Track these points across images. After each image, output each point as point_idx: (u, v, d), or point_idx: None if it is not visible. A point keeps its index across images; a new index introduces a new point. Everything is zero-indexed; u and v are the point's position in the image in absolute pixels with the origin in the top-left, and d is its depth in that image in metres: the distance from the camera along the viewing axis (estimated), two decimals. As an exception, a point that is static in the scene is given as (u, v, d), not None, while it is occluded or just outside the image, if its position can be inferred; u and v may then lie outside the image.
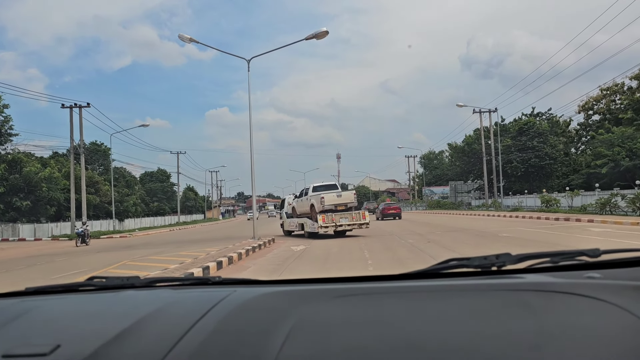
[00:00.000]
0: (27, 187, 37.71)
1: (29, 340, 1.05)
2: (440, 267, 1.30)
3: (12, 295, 1.49)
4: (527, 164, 46.57)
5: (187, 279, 1.53)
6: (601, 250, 1.23)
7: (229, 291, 1.22)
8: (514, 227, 20.54)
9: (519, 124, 49.21)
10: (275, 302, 1.12)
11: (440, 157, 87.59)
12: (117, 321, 1.07)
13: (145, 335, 1.00)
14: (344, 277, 1.35)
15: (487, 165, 47.51)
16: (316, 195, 20.11)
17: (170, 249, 18.96)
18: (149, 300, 1.26)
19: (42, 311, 1.25)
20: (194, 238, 26.82)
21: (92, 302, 1.37)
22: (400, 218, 38.32)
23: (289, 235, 23.21)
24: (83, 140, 37.81)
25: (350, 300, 1.08)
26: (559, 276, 1.16)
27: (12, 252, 22.18)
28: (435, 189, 77.15)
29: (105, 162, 64.65)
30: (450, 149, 63.92)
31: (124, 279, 1.52)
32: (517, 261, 1.24)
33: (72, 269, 13.01)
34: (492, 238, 15.61)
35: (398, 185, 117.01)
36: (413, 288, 1.17)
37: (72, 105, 37.60)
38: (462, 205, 56.07)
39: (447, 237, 16.95)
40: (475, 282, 1.18)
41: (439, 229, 22.20)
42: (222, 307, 1.09)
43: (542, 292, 1.04)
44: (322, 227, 19.27)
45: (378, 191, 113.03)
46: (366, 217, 19.89)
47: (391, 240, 16.83)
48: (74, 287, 1.51)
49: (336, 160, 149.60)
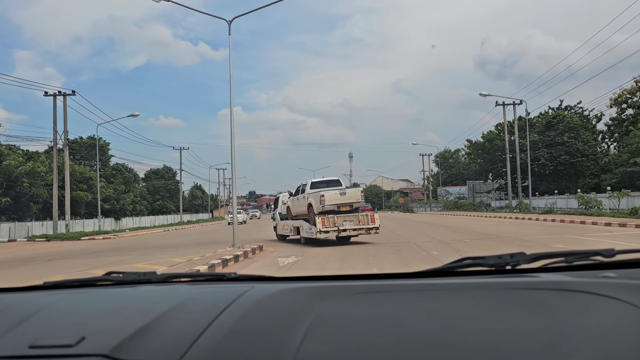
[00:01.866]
0: (7, 183, 34.46)
1: (53, 332, 1.06)
2: (455, 266, 1.31)
3: (30, 289, 1.49)
4: (557, 161, 42.14)
5: (203, 275, 1.58)
6: (616, 250, 1.22)
7: (247, 287, 1.22)
8: (561, 234, 16.56)
9: (546, 118, 44.79)
10: (293, 299, 1.12)
11: (456, 155, 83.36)
12: (138, 316, 1.08)
13: (166, 330, 1.01)
14: (360, 274, 1.35)
15: (510, 162, 43.33)
16: (315, 193, 16.33)
17: (135, 257, 15.44)
18: (167, 296, 1.28)
19: (63, 305, 1.27)
20: (175, 242, 23.18)
21: (111, 296, 1.38)
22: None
23: (282, 240, 19.46)
24: (67, 131, 34.45)
25: (367, 298, 1.09)
26: (574, 275, 1.15)
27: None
28: (450, 189, 73.24)
29: (103, 158, 61.57)
30: (468, 146, 59.37)
31: (141, 274, 1.52)
32: (531, 260, 1.23)
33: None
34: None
35: (411, 185, 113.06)
36: (429, 286, 1.18)
37: (56, 93, 34.32)
38: (482, 207, 51.73)
39: (481, 248, 13.07)
40: (490, 280, 1.18)
41: (465, 234, 18.30)
42: (240, 303, 1.10)
43: (557, 290, 1.04)
44: (321, 232, 15.49)
45: (391, 191, 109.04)
46: (376, 221, 16.07)
47: (409, 251, 13.00)
48: (92, 281, 1.52)
49: (348, 159, 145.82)
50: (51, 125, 33.77)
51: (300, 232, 17.19)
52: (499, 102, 43.15)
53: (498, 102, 43.21)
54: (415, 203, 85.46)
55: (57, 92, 34.35)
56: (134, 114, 35.92)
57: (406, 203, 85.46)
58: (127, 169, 60.44)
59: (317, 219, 15.61)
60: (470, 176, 64.93)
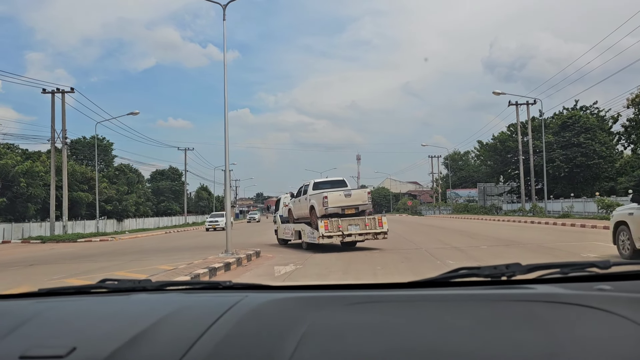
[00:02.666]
0: (3, 183, 33.46)
1: (44, 342, 1.05)
2: (450, 276, 1.30)
3: (25, 296, 1.48)
4: (572, 163, 40.47)
5: (197, 283, 1.62)
6: (612, 262, 1.22)
7: (241, 296, 1.22)
8: (586, 241, 15.11)
9: (561, 118, 43.12)
10: (286, 308, 1.12)
11: (466, 157, 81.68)
12: (131, 324, 1.08)
13: (159, 339, 1.01)
14: (354, 284, 1.35)
15: (523, 164, 41.76)
16: (317, 195, 14.99)
17: (122, 262, 14.24)
18: (161, 304, 1.27)
19: (56, 312, 1.26)
20: (172, 245, 21.95)
21: (105, 304, 1.37)
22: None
23: (284, 245, 18.16)
24: (65, 129, 33.39)
25: (361, 308, 1.09)
26: (569, 287, 1.15)
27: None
28: (460, 192, 71.68)
29: (106, 158, 60.62)
30: (479, 148, 57.67)
31: (136, 282, 1.51)
32: (527, 271, 1.23)
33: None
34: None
35: (420, 187, 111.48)
36: (423, 297, 1.18)
37: (54, 90, 33.31)
38: (493, 210, 50.07)
39: (504, 257, 11.68)
40: (485, 291, 1.18)
41: (481, 240, 16.90)
42: (234, 312, 1.10)
43: (552, 303, 1.04)
44: (324, 237, 14.15)
45: (399, 193, 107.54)
46: (384, 225, 14.71)
47: (421, 260, 11.63)
48: (86, 289, 1.51)
49: (356, 161, 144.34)
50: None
51: (302, 237, 15.86)
52: (512, 101, 41.66)
53: (511, 102, 41.67)
54: (423, 206, 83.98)
55: (55, 89, 33.35)
56: (134, 112, 34.79)
57: (414, 206, 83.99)
58: (130, 170, 59.33)
59: (319, 222, 14.28)
60: (480, 179, 63.32)
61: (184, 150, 66.59)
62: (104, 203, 47.60)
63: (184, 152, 66.46)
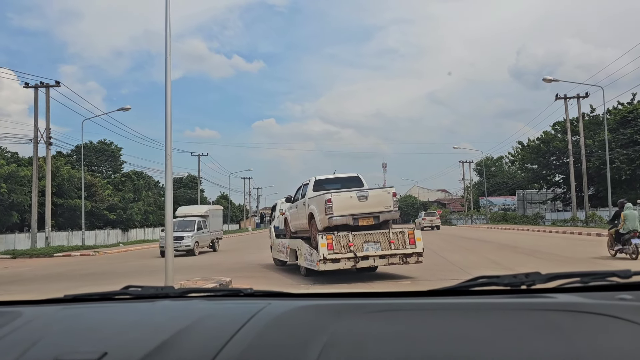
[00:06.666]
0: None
1: (76, 347, 1.06)
2: (470, 284, 1.29)
3: (51, 302, 1.49)
4: (635, 164, 34.53)
5: (219, 290, 1.61)
6: (632, 272, 1.21)
7: (264, 304, 1.23)
8: None
9: (620, 113, 37.25)
10: (309, 316, 1.13)
11: (499, 163, 75.60)
12: (157, 331, 1.09)
13: (186, 346, 1.02)
14: (374, 292, 1.35)
15: (573, 167, 36.09)
16: (318, 197, 10.19)
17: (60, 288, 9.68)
18: (185, 311, 1.29)
19: (84, 318, 1.28)
20: (153, 264, 17.42)
21: (130, 311, 1.39)
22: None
23: (280, 267, 13.38)
24: (49, 128, 29.54)
25: (382, 316, 1.10)
26: (589, 297, 1.13)
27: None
28: (494, 199, 65.64)
29: (114, 164, 57.07)
30: (520, 149, 51.69)
31: (159, 288, 1.52)
32: (546, 280, 1.23)
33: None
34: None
35: (449, 195, 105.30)
36: (443, 305, 1.17)
37: (38, 84, 29.48)
38: (537, 219, 44.23)
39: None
40: (505, 300, 1.17)
41: (545, 260, 12.10)
42: (257, 320, 1.11)
43: (572, 312, 1.03)
44: (326, 261, 9.34)
45: (427, 201, 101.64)
46: (417, 242, 9.85)
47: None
48: (111, 295, 1.52)
49: (382, 169, 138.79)
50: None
51: (298, 258, 11.07)
52: (560, 95, 36.22)
53: (559, 95, 36.22)
54: (454, 215, 78.07)
55: (38, 82, 29.54)
56: (125, 108, 30.75)
57: (444, 214, 78.22)
58: (138, 177, 55.49)
59: (319, 238, 9.45)
60: (518, 184, 57.48)
61: (198, 156, 62.85)
62: (107, 211, 43.79)
63: (198, 157, 62.71)
